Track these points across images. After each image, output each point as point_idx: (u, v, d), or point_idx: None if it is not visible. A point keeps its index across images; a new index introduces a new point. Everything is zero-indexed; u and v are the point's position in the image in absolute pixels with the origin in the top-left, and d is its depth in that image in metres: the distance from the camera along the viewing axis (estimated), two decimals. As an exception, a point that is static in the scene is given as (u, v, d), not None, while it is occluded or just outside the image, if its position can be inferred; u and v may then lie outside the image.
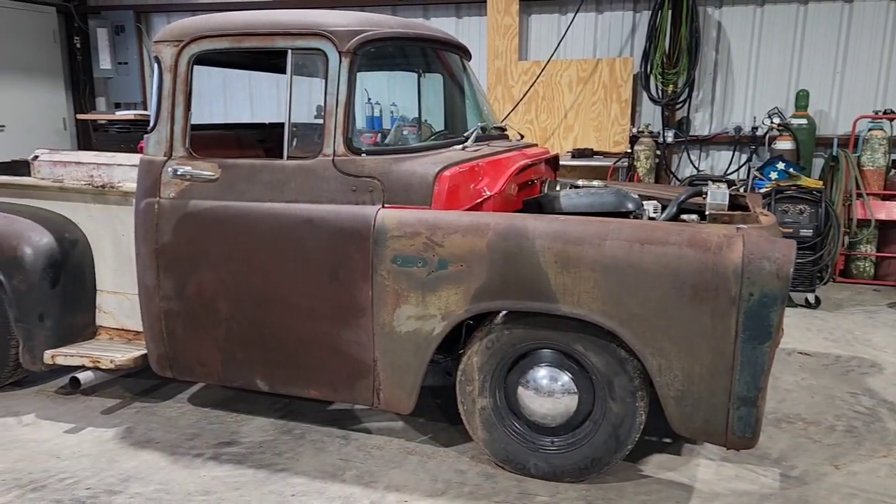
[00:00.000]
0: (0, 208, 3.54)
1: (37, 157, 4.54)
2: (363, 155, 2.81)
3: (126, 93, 8.39)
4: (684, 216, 3.01)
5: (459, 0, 6.95)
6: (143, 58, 8.29)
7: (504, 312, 2.74)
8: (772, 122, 5.99)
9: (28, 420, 3.43)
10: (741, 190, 4.41)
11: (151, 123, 3.07)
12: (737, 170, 6.51)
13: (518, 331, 2.72)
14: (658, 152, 6.49)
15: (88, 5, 8.37)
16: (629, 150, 6.43)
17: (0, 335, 3.54)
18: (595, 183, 3.54)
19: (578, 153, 6.30)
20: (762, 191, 5.31)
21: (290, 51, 2.83)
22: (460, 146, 3.02)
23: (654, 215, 3.09)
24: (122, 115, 7.74)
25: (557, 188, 3.52)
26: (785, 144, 5.95)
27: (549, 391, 2.75)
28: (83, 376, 3.42)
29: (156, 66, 3.04)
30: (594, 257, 2.49)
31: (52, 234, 3.44)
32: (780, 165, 5.44)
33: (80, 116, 8.32)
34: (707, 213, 2.80)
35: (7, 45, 7.63)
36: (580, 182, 3.57)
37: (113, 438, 3.25)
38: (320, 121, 2.87)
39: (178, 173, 3.01)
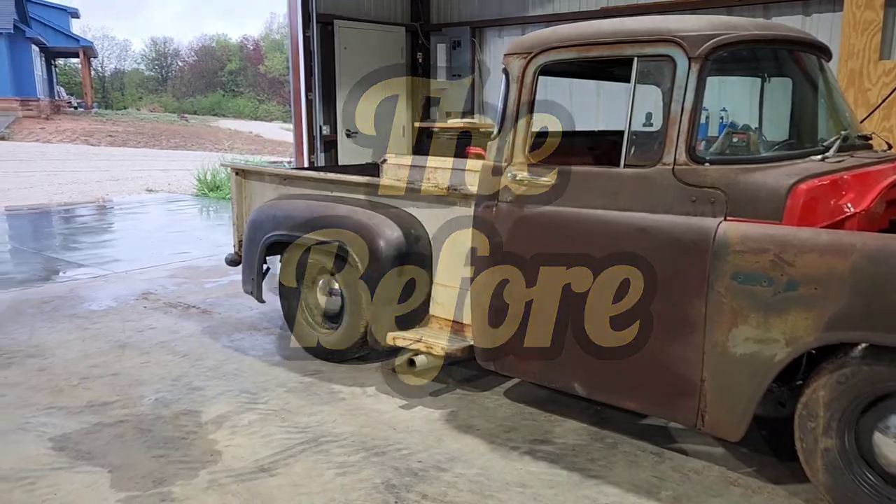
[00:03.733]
0: (361, 205, 4.06)
1: (385, 160, 5.13)
2: (706, 164, 2.68)
3: (457, 103, 9.11)
4: None
5: (808, -5, 6.34)
6: (474, 70, 8.92)
7: (864, 345, 2.41)
8: None
9: (370, 392, 3.88)
10: None
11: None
12: None
13: (880, 368, 2.38)
14: None
15: (431, 24, 9.25)
16: None
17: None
18: None
19: (951, 167, 5.33)
20: None
21: (636, 58, 2.81)
22: (819, 157, 2.73)
23: None
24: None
25: (935, 207, 3.01)
26: None
27: (915, 443, 2.37)
28: (418, 359, 3.77)
29: (503, 77, 3.23)
30: None
31: (402, 229, 3.85)
32: None
33: (417, 124, 9.24)
34: None
35: (367, 61, 8.77)
36: (966, 201, 3.01)
37: (439, 419, 3.54)
38: (649, 128, 2.81)
39: (517, 178, 3.16)
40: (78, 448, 3.21)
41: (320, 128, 8.38)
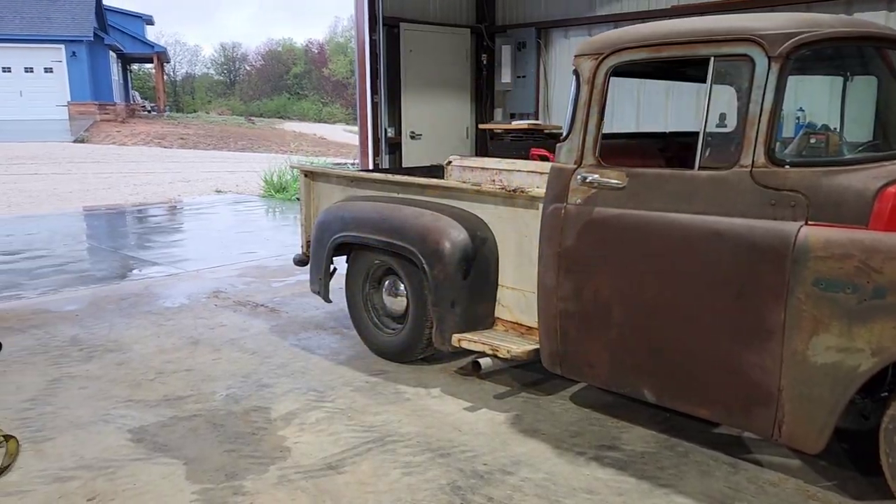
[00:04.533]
0: (427, 206, 4.07)
1: (450, 162, 5.14)
2: (787, 167, 2.59)
3: (521, 104, 9.07)
4: None
5: (892, -10, 6.07)
6: (538, 71, 8.87)
7: (957, 358, 2.29)
8: None
9: (435, 393, 3.90)
10: None
11: (565, 133, 3.24)
12: None
13: (975, 382, 2.26)
14: None
15: (496, 25, 9.24)
16: None
17: (419, 316, 4.08)
18: None
19: None
20: None
21: (712, 58, 2.73)
22: (910, 158, 2.61)
23: None
24: (516, 124, 8.38)
25: None
26: None
27: None
28: (483, 361, 3.76)
29: (573, 78, 3.20)
30: None
31: (467, 231, 3.84)
32: None
33: (480, 126, 9.24)
34: None
35: (432, 64, 8.83)
36: None
37: (504, 422, 3.52)
38: (723, 129, 2.73)
39: (587, 180, 3.12)
40: (155, 440, 3.32)
41: (385, 130, 8.47)
